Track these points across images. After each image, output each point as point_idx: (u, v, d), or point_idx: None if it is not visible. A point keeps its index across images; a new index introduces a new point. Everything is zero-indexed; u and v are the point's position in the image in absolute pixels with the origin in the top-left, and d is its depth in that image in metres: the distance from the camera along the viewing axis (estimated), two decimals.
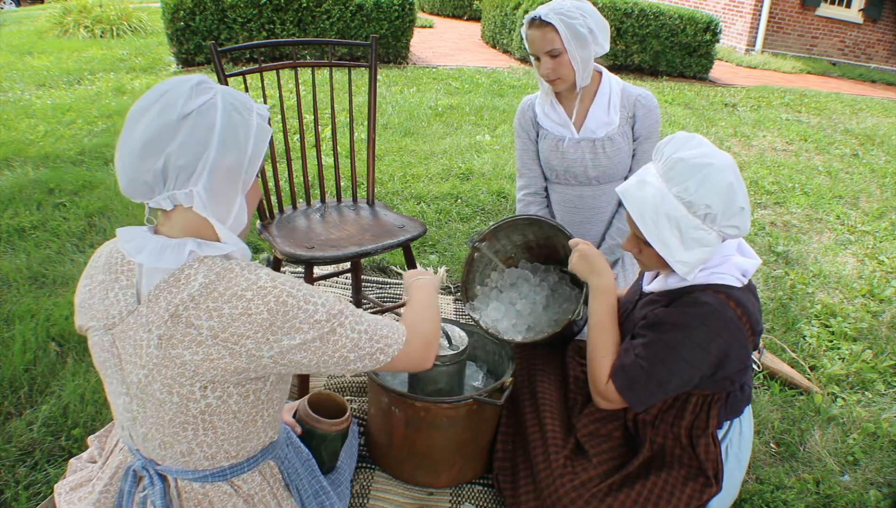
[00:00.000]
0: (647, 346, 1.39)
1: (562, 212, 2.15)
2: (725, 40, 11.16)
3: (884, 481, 1.91)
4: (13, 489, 1.62)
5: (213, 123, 0.96)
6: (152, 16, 8.86)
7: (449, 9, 12.78)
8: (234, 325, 0.95)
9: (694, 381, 1.38)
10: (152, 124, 0.93)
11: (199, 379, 0.97)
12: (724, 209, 1.27)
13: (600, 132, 2.01)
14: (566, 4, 1.86)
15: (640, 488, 1.46)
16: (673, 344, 1.35)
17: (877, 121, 6.95)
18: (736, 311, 1.33)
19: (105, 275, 1.03)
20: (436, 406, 1.58)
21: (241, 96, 1.03)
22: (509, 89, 6.54)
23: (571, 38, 1.85)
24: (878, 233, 3.83)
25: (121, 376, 1.03)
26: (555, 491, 1.47)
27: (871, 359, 2.49)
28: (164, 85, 0.97)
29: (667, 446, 1.50)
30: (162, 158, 0.93)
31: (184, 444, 1.03)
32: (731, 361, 1.36)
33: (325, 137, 4.47)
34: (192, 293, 0.96)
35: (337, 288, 2.72)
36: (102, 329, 1.02)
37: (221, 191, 0.99)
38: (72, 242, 2.89)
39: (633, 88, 2.05)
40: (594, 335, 1.51)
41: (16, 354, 2.08)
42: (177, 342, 0.96)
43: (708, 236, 1.29)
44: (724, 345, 1.33)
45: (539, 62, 1.93)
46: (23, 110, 4.89)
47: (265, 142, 1.04)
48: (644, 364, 1.38)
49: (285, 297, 0.98)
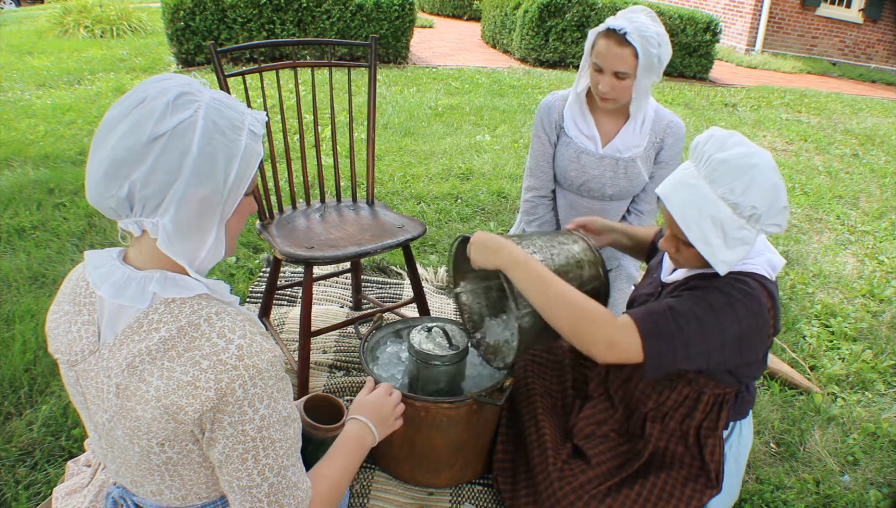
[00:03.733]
0: (683, 302, 1.31)
1: (566, 218, 2.13)
2: (725, 40, 11.15)
3: (884, 481, 1.90)
4: (13, 489, 1.62)
5: (188, 148, 0.84)
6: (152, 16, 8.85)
7: (449, 9, 12.77)
8: (177, 393, 0.87)
9: (714, 357, 1.31)
10: (119, 144, 0.83)
11: (155, 436, 0.90)
12: (769, 209, 1.24)
13: (626, 153, 1.96)
14: (651, 29, 1.75)
15: (640, 489, 1.45)
16: (715, 304, 1.29)
17: (877, 121, 6.95)
18: (767, 303, 1.32)
19: (70, 306, 0.96)
20: (436, 406, 1.58)
21: (228, 112, 0.89)
22: (509, 89, 6.54)
23: (644, 67, 1.76)
24: (878, 233, 3.83)
25: (87, 413, 0.99)
26: (552, 494, 1.47)
27: (871, 359, 2.49)
28: (143, 91, 0.86)
29: (669, 446, 1.50)
30: (126, 185, 0.83)
31: (153, 486, 0.99)
32: (753, 348, 1.32)
33: (325, 137, 4.47)
34: (150, 346, 0.88)
35: (337, 288, 2.72)
36: (67, 364, 0.97)
37: (193, 225, 0.88)
38: (72, 242, 2.89)
39: (666, 113, 1.98)
40: (554, 305, 1.35)
41: (16, 354, 2.08)
42: (130, 395, 0.89)
43: (750, 235, 1.27)
44: (755, 328, 1.29)
45: (600, 75, 1.82)
46: (23, 110, 4.89)
47: (253, 166, 0.92)
48: (678, 317, 1.29)
49: (236, 386, 0.87)
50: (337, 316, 2.47)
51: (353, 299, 2.57)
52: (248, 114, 0.93)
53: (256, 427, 0.90)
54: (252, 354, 0.89)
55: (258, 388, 0.89)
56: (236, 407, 0.88)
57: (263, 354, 0.90)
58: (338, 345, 2.31)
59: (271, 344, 0.93)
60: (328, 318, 2.44)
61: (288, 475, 0.95)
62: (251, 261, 2.85)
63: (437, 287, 2.80)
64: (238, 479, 0.92)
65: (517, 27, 8.07)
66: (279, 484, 0.94)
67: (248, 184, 0.93)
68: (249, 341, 0.90)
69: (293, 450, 0.96)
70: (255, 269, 2.79)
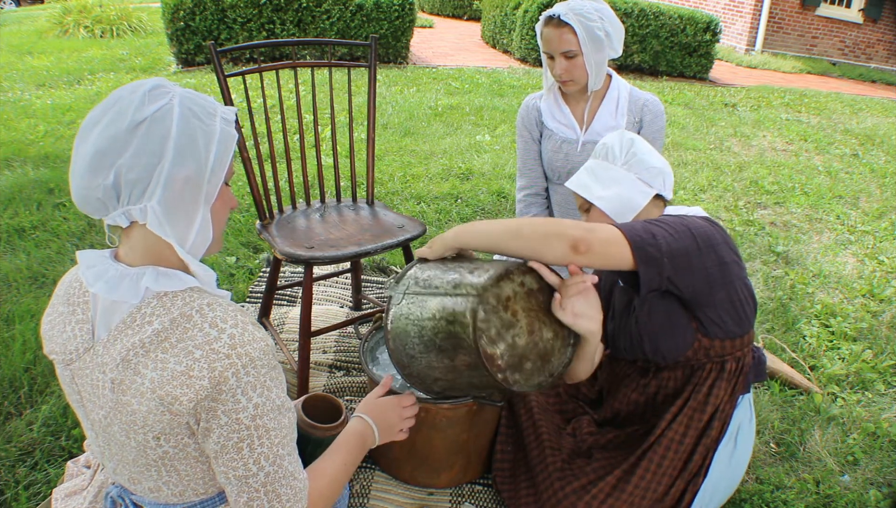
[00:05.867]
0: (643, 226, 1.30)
1: (561, 213, 2.15)
2: (725, 40, 11.16)
3: (884, 481, 1.91)
4: (13, 489, 1.62)
5: (168, 131, 0.88)
6: (152, 16, 8.86)
7: (449, 9, 12.77)
8: (172, 384, 0.88)
9: (694, 260, 1.27)
10: (101, 136, 0.86)
11: (150, 430, 0.91)
12: (619, 145, 1.48)
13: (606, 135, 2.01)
14: (585, 6, 1.83)
15: (639, 480, 1.45)
16: (667, 220, 1.31)
17: (877, 121, 6.95)
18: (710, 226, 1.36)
19: (64, 307, 0.98)
20: (436, 406, 1.58)
21: (201, 100, 0.94)
22: (509, 89, 6.54)
23: (588, 41, 1.83)
24: (878, 233, 3.83)
25: (84, 412, 1.00)
26: (553, 495, 1.47)
27: (871, 359, 2.49)
28: (118, 92, 0.90)
29: (677, 428, 1.49)
30: (112, 172, 0.86)
31: (150, 482, 0.99)
32: (720, 247, 1.32)
33: (325, 137, 4.47)
34: (144, 339, 0.89)
35: (337, 288, 2.72)
36: (62, 363, 0.98)
37: (179, 206, 0.91)
38: (72, 242, 2.89)
39: (641, 93, 2.04)
40: (512, 230, 1.25)
41: (16, 354, 2.08)
42: (125, 388, 0.90)
43: (617, 173, 1.47)
44: (710, 231, 1.32)
45: (553, 61, 1.91)
46: (23, 110, 4.89)
47: (230, 148, 0.96)
48: (647, 225, 1.28)
49: (229, 374, 0.88)
50: (337, 316, 2.47)
51: (353, 299, 2.57)
52: (219, 104, 0.98)
53: (250, 416, 0.90)
54: (244, 343, 0.90)
55: (251, 377, 0.90)
56: (230, 395, 0.89)
57: (255, 343, 0.91)
58: (338, 345, 2.31)
59: (263, 334, 0.94)
60: (328, 318, 2.44)
61: (284, 464, 0.95)
62: (251, 261, 2.85)
63: None
64: (234, 469, 0.92)
65: (517, 27, 8.08)
66: (275, 474, 0.94)
67: (227, 169, 0.96)
68: (241, 330, 0.91)
69: (288, 440, 0.97)
70: (255, 269, 2.79)
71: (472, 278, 1.21)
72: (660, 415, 1.51)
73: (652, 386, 1.56)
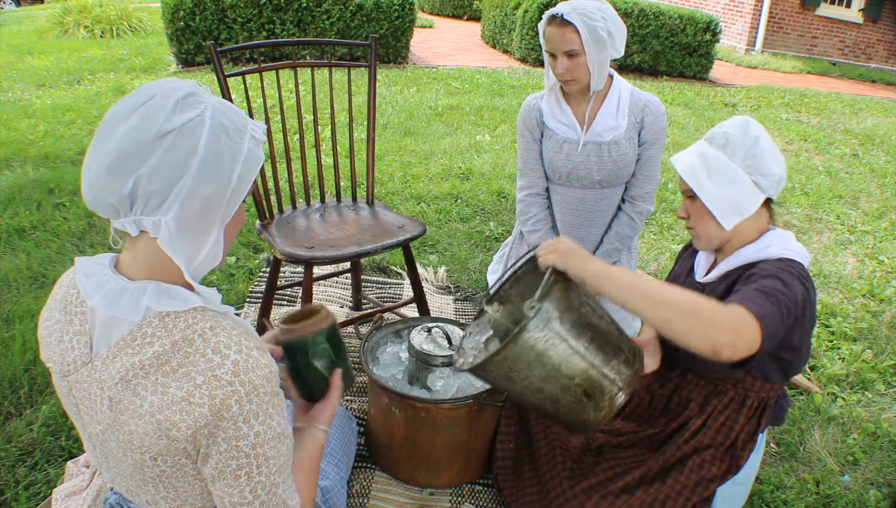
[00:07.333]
0: (757, 281, 1.26)
1: (562, 214, 2.15)
2: (725, 40, 11.15)
3: (884, 481, 1.91)
4: (13, 489, 1.62)
5: (196, 146, 0.84)
6: (152, 16, 8.85)
7: (449, 9, 12.77)
8: (171, 409, 0.86)
9: (791, 335, 1.28)
10: (126, 138, 0.82)
11: (147, 451, 0.89)
12: (742, 137, 1.35)
13: (607, 136, 2.00)
14: (588, 5, 1.83)
15: (656, 492, 1.44)
16: (783, 279, 1.26)
17: (877, 121, 6.95)
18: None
19: (61, 315, 0.94)
20: (436, 406, 1.58)
21: (234, 115, 0.90)
22: (509, 89, 6.54)
23: (591, 41, 1.83)
24: (878, 233, 3.83)
25: (81, 423, 0.98)
26: (562, 493, 1.47)
27: (871, 359, 2.49)
28: (151, 89, 0.86)
29: (698, 448, 1.48)
30: (131, 180, 0.82)
31: (148, 495, 0.98)
32: (805, 323, 1.30)
33: (325, 137, 4.47)
34: (144, 360, 0.87)
35: (337, 288, 2.72)
36: (59, 374, 0.96)
37: (194, 225, 0.87)
38: (72, 242, 2.89)
39: (642, 93, 2.03)
40: (662, 308, 1.17)
41: (16, 354, 2.08)
42: (123, 409, 0.88)
43: (731, 169, 1.36)
44: (809, 299, 1.28)
45: (555, 60, 1.91)
46: (23, 110, 4.89)
47: (254, 171, 0.92)
48: (765, 290, 1.23)
49: (232, 402, 0.86)
50: (337, 316, 2.47)
51: (353, 299, 2.57)
52: (249, 120, 0.94)
53: (251, 444, 0.89)
54: (248, 370, 0.88)
55: (253, 405, 0.88)
56: (231, 423, 0.87)
57: (259, 370, 0.90)
58: None
59: (267, 359, 0.92)
60: None
61: (279, 492, 0.95)
62: (251, 261, 2.85)
63: (437, 287, 2.80)
64: (230, 496, 0.92)
65: (517, 27, 8.08)
66: (269, 502, 0.94)
67: (249, 188, 0.93)
68: (246, 356, 0.89)
69: (285, 467, 0.96)
70: (255, 269, 2.79)
71: (619, 362, 1.31)
72: (670, 425, 1.52)
73: (671, 384, 1.55)
